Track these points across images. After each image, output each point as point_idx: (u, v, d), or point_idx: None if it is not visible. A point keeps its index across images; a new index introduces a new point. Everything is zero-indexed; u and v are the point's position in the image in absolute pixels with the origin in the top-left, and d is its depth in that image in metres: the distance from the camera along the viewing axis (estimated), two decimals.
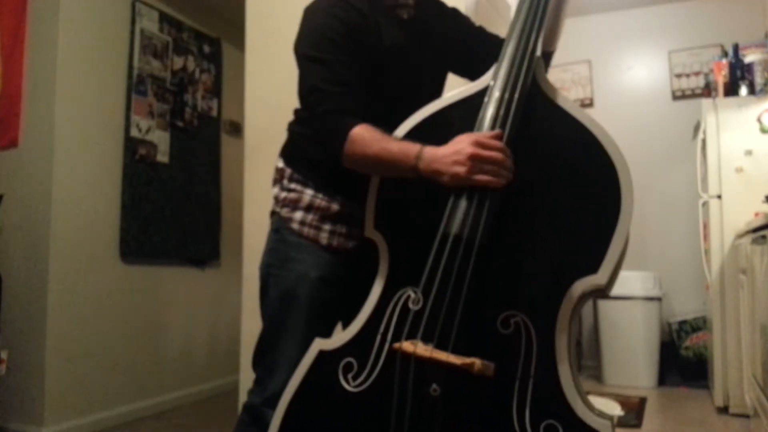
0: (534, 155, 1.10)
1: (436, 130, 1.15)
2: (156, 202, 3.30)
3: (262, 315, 1.36)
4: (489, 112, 1.11)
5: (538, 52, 1.17)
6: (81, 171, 2.89)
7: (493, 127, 1.10)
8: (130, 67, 3.19)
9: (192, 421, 3.10)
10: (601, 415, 1.01)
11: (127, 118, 3.15)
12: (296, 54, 1.27)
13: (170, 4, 3.48)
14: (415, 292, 1.10)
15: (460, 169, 1.06)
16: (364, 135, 1.15)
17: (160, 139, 3.36)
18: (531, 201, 1.09)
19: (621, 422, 2.74)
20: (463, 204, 1.08)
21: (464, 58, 1.44)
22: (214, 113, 3.84)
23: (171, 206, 3.41)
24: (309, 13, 1.28)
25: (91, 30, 2.97)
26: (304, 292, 1.29)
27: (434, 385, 1.04)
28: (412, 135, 1.18)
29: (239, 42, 2.77)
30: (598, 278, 1.00)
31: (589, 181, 1.05)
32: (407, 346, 1.06)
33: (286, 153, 1.39)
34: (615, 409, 2.26)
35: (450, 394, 1.04)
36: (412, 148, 1.12)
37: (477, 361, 1.01)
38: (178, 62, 3.52)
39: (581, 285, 1.01)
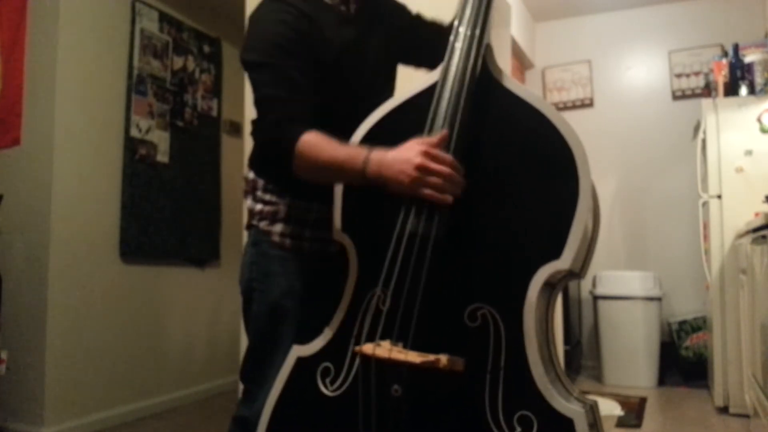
0: (489, 144, 1.09)
1: (392, 131, 1.13)
2: (156, 202, 3.30)
3: (248, 329, 1.34)
4: (441, 106, 1.10)
5: (487, 39, 1.16)
6: (81, 171, 2.89)
7: (444, 121, 1.08)
8: (130, 67, 3.19)
9: (192, 421, 3.10)
10: (580, 400, 1.00)
11: (127, 118, 3.15)
12: (243, 63, 1.26)
13: (170, 4, 3.48)
14: (384, 293, 1.09)
15: (405, 179, 1.04)
16: (312, 142, 1.14)
17: (160, 139, 3.36)
18: (489, 190, 1.08)
19: (621, 422, 2.74)
20: (416, 204, 1.07)
21: (410, 48, 1.43)
22: (214, 113, 3.84)
23: (171, 206, 3.41)
24: (254, 20, 1.27)
25: (91, 30, 2.98)
26: (291, 304, 1.28)
27: (395, 386, 1.03)
28: (368, 138, 1.17)
29: (239, 42, 2.77)
30: (561, 263, 0.99)
31: (545, 166, 1.03)
32: (367, 347, 1.05)
33: (256, 164, 1.37)
34: (615, 409, 2.26)
35: (414, 394, 1.02)
36: (360, 153, 1.10)
37: (443, 358, 0.99)
38: (178, 62, 3.52)
39: (545, 271, 1.00)
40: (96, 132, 2.98)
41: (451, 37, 1.15)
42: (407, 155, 1.05)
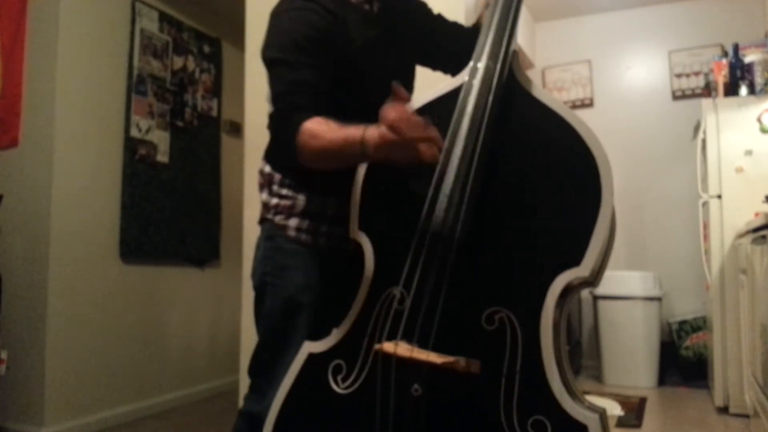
0: (513, 149, 1.10)
1: None
2: (156, 202, 3.30)
3: (259, 324, 1.34)
4: (468, 109, 1.10)
5: (515, 46, 1.16)
6: (81, 171, 2.89)
7: (472, 124, 1.09)
8: (130, 67, 3.19)
9: (192, 421, 3.10)
10: (591, 407, 1.00)
11: (127, 118, 3.15)
12: (263, 59, 1.25)
13: (170, 4, 3.47)
14: (401, 292, 1.10)
15: (392, 136, 1.01)
16: (314, 128, 1.13)
17: (160, 139, 3.36)
18: (513, 195, 1.08)
19: (621, 422, 2.74)
20: (441, 199, 1.07)
21: (430, 49, 1.43)
22: (214, 113, 3.84)
23: (171, 206, 3.41)
24: (275, 16, 1.26)
25: (91, 30, 2.97)
26: (305, 300, 1.28)
27: (415, 386, 1.03)
28: None
29: (239, 42, 2.77)
30: (581, 271, 0.99)
31: (569, 173, 1.04)
32: (388, 346, 1.06)
33: (273, 158, 1.36)
34: (615, 409, 2.26)
35: (433, 394, 1.03)
36: (356, 132, 1.08)
37: (461, 360, 1.00)
38: (178, 62, 3.52)
39: (564, 278, 1.00)
40: (96, 132, 2.98)
41: (479, 42, 1.15)
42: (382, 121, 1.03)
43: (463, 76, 1.16)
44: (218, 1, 3.67)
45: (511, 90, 1.12)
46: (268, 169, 1.36)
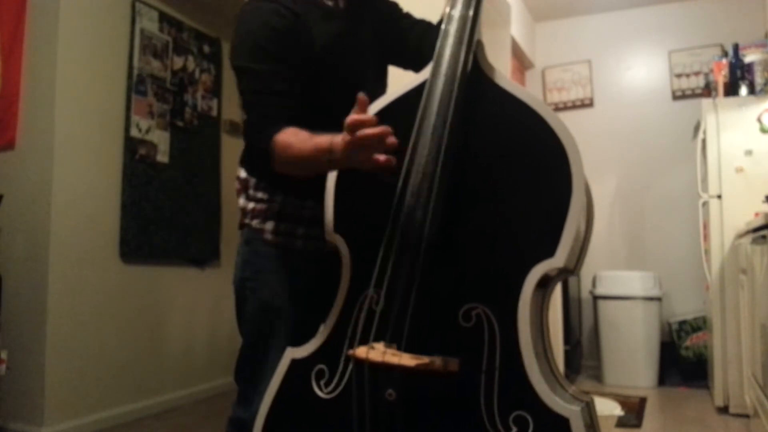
0: (480, 142, 1.08)
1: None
2: (156, 202, 3.30)
3: (241, 329, 1.34)
4: (433, 103, 1.09)
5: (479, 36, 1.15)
6: (81, 171, 2.88)
7: (436, 118, 1.07)
8: (130, 67, 3.19)
9: (192, 421, 3.10)
10: (576, 398, 1.00)
11: (127, 118, 3.15)
12: (231, 66, 1.26)
13: (170, 4, 3.47)
14: (378, 294, 1.08)
15: (348, 138, 1.00)
16: (284, 141, 1.13)
17: (160, 139, 3.36)
18: (481, 188, 1.07)
19: (621, 422, 2.74)
20: (409, 196, 1.06)
21: (399, 48, 1.43)
22: (214, 113, 3.84)
23: (171, 206, 3.41)
24: (239, 20, 1.25)
25: (91, 30, 2.97)
26: (282, 303, 1.27)
27: (389, 390, 1.02)
28: None
29: None
30: (555, 261, 0.98)
31: (537, 163, 1.02)
32: (360, 351, 1.04)
33: (248, 163, 1.36)
34: (615, 409, 2.26)
35: (409, 398, 1.01)
36: (324, 142, 1.08)
37: (436, 360, 0.99)
38: (178, 62, 3.52)
39: (539, 270, 0.99)
40: (96, 132, 2.98)
41: (439, 40, 1.14)
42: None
43: (425, 74, 1.14)
44: (218, 1, 3.67)
45: (476, 80, 1.10)
46: (243, 174, 1.36)
